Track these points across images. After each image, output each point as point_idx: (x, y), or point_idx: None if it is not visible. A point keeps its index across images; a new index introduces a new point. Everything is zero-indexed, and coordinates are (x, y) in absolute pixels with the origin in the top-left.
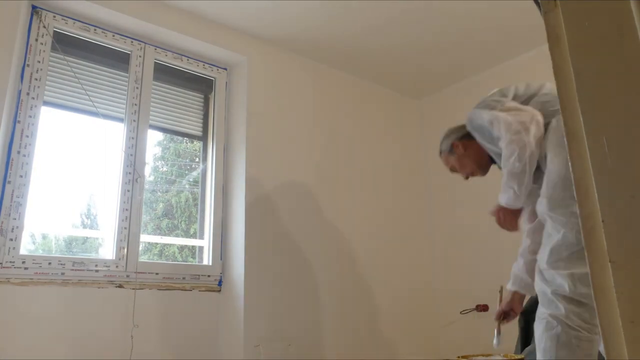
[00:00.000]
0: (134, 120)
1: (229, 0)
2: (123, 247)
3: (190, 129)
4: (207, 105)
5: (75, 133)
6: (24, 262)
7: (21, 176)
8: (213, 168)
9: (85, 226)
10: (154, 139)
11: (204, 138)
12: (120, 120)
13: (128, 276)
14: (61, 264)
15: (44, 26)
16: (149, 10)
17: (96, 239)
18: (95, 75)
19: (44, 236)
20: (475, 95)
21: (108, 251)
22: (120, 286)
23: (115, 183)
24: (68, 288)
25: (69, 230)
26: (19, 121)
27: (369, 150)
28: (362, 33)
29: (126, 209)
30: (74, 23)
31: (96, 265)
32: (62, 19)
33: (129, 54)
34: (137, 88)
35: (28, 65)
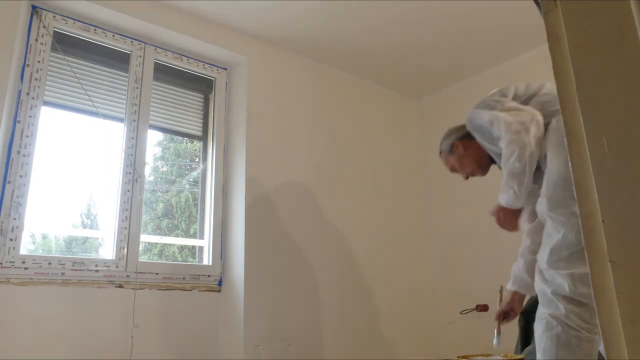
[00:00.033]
0: (134, 120)
1: (229, 0)
2: (123, 247)
3: (190, 129)
4: (207, 105)
5: (75, 133)
6: (24, 262)
7: (21, 176)
8: (213, 168)
9: (85, 226)
10: (154, 139)
11: (204, 138)
12: (120, 120)
13: (128, 276)
14: (61, 264)
15: (44, 26)
16: (149, 10)
17: (96, 239)
18: (95, 75)
19: (44, 236)
20: (475, 95)
21: (108, 251)
22: (120, 286)
23: (115, 183)
24: (68, 288)
25: (69, 230)
26: (19, 121)
27: (369, 150)
28: (362, 33)
29: (126, 209)
30: (74, 23)
31: (96, 265)
32: (62, 19)
33: (129, 54)
34: (137, 88)
35: (28, 65)
